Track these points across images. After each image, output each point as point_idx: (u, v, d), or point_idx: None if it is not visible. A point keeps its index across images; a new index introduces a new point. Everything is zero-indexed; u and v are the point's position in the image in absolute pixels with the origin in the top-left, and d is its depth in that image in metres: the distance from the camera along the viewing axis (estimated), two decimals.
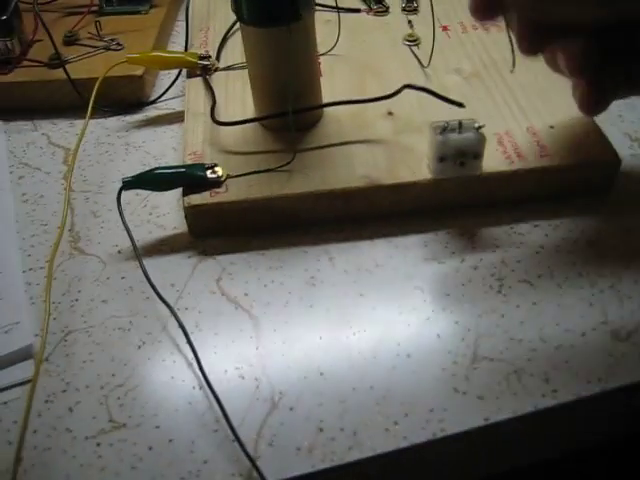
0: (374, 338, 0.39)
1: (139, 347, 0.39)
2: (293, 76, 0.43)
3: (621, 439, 0.38)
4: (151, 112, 0.55)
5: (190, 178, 0.43)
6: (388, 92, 0.46)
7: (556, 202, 0.44)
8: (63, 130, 0.54)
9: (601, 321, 0.39)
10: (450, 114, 0.42)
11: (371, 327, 0.39)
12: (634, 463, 0.44)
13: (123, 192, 0.44)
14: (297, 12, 0.41)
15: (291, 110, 0.43)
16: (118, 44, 0.57)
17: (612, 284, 0.40)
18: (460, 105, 0.42)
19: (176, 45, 0.62)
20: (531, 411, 0.35)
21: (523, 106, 0.47)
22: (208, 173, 0.43)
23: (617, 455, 0.44)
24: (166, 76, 0.58)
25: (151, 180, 0.44)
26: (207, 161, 0.44)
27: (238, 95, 0.50)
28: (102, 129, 0.54)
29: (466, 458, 0.37)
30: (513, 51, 0.40)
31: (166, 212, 0.46)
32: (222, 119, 0.47)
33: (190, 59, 0.52)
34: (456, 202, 0.44)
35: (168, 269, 0.43)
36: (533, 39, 0.40)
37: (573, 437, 0.38)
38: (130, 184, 0.43)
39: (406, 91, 0.45)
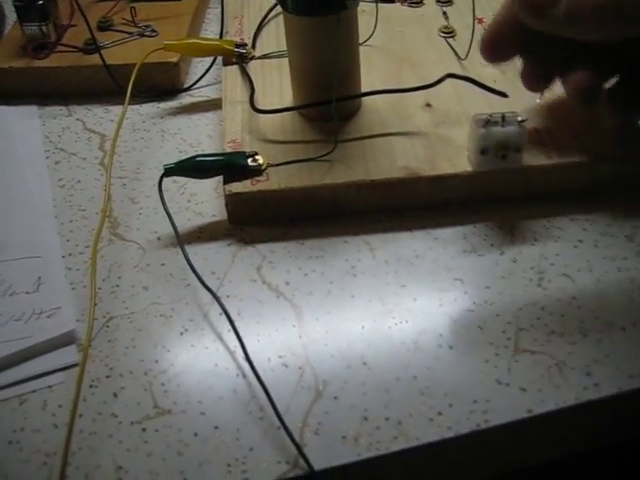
0: (416, 329, 0.39)
1: (181, 334, 0.39)
2: (337, 65, 0.43)
3: None
4: (185, 99, 0.55)
5: (231, 166, 0.43)
6: (425, 83, 0.46)
7: (593, 196, 0.45)
8: (98, 116, 0.54)
9: None
10: (489, 107, 0.42)
11: (413, 318, 0.39)
12: None
13: (163, 179, 0.44)
14: (344, 2, 0.41)
15: (334, 100, 0.43)
16: (153, 30, 0.57)
17: None
18: (503, 95, 0.42)
19: (209, 32, 0.62)
20: (574, 404, 0.35)
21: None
22: (249, 161, 0.43)
23: None
24: (200, 64, 0.58)
25: (192, 167, 0.44)
26: (246, 149, 0.45)
27: (275, 84, 0.50)
28: (137, 115, 0.54)
29: (508, 450, 0.37)
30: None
31: (204, 200, 0.47)
32: (260, 108, 0.47)
33: (227, 47, 0.52)
34: (495, 195, 0.44)
35: (208, 257, 0.43)
36: (540, 77, 0.41)
37: (614, 431, 0.39)
38: (171, 171, 0.43)
39: (445, 82, 0.45)
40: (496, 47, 0.42)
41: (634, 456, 0.38)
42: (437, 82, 0.45)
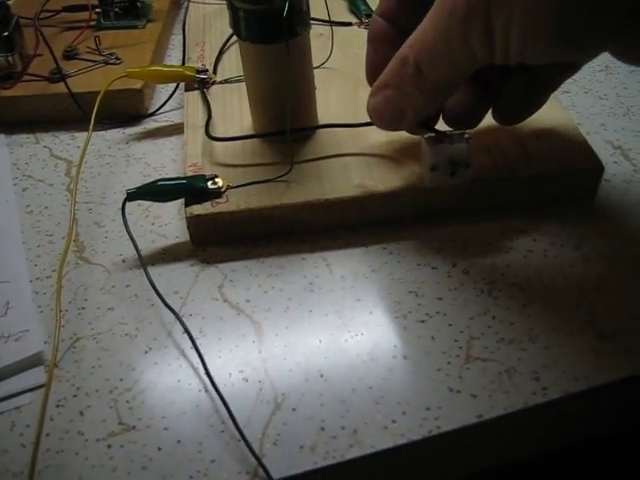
0: (371, 341, 0.40)
1: (146, 352, 0.41)
2: (291, 91, 0.44)
3: (606, 435, 0.40)
4: (150, 124, 0.57)
5: (192, 189, 0.45)
6: None
7: (543, 208, 0.46)
8: (65, 143, 0.56)
9: (587, 321, 0.40)
10: (440, 125, 0.44)
11: (368, 330, 0.41)
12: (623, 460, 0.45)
13: (127, 203, 0.45)
14: (294, 29, 0.42)
15: (288, 128, 0.45)
16: (117, 58, 0.58)
17: (597, 286, 0.42)
18: (448, 137, 0.43)
19: (172, 59, 0.64)
20: (522, 407, 0.37)
21: None
22: (209, 184, 0.45)
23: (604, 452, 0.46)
24: (164, 89, 0.60)
25: (154, 191, 0.45)
26: (207, 172, 0.46)
27: (235, 108, 0.52)
28: (103, 141, 0.55)
29: (461, 454, 0.38)
30: None
31: (168, 222, 0.48)
32: (220, 132, 0.49)
33: (188, 73, 0.53)
34: (447, 209, 0.46)
35: (171, 277, 0.44)
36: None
37: (560, 433, 0.40)
38: (134, 195, 0.45)
39: None
40: None
41: (583, 457, 0.40)
42: None
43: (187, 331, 0.40)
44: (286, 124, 0.44)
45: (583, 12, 0.32)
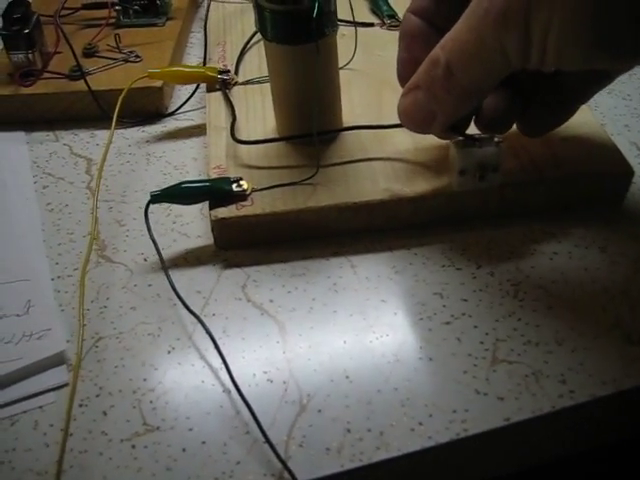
0: (397, 342, 0.40)
1: (169, 352, 0.40)
2: (317, 92, 0.44)
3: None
4: (170, 123, 0.57)
5: (216, 192, 0.44)
6: None
7: (569, 211, 0.46)
8: (84, 141, 0.56)
9: (613, 325, 0.40)
10: (469, 130, 0.44)
11: (393, 331, 0.41)
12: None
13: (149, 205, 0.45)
14: (322, 30, 0.42)
15: (315, 130, 0.44)
16: (137, 56, 0.58)
17: (623, 289, 0.42)
18: (477, 140, 0.43)
19: (191, 57, 0.64)
20: (550, 411, 0.37)
21: None
22: (234, 187, 0.44)
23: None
24: (184, 87, 0.60)
25: (178, 194, 0.45)
26: (231, 174, 0.46)
27: (258, 109, 0.51)
28: (123, 139, 0.55)
29: (487, 457, 0.38)
30: None
31: (189, 221, 0.48)
32: (243, 134, 0.49)
33: (210, 74, 0.53)
34: (474, 213, 0.45)
35: (194, 277, 0.44)
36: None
37: (587, 437, 0.40)
38: (157, 198, 0.44)
39: None
40: None
41: (609, 461, 0.40)
42: None
43: (209, 333, 0.40)
44: (313, 126, 0.44)
45: (619, 20, 0.32)
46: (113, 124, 0.50)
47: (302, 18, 0.41)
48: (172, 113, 0.57)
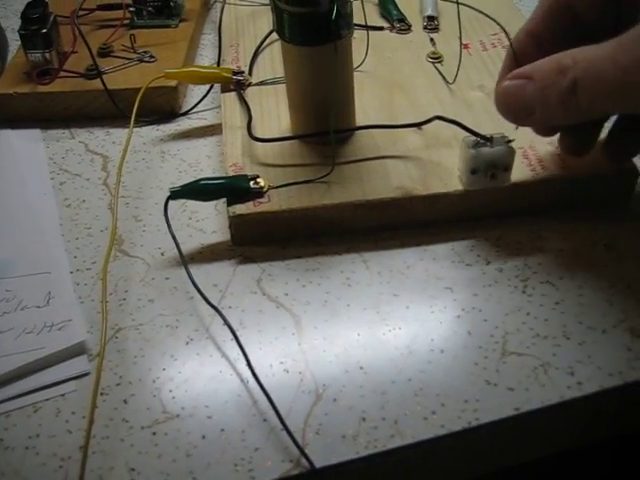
0: (409, 335, 0.41)
1: (187, 343, 0.42)
2: (334, 93, 0.45)
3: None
4: (184, 122, 0.58)
5: (234, 189, 0.46)
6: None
7: (576, 210, 0.47)
8: (100, 138, 0.57)
9: (620, 319, 0.41)
10: (476, 128, 0.45)
11: (405, 324, 0.42)
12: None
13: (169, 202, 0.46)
14: (339, 31, 0.43)
15: (332, 129, 0.45)
16: (151, 56, 0.59)
17: (629, 284, 0.43)
18: (488, 139, 0.44)
19: (204, 57, 0.65)
20: (558, 401, 0.38)
21: None
22: (251, 184, 0.46)
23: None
24: (197, 87, 0.61)
25: (197, 191, 0.46)
26: (247, 172, 0.47)
27: (273, 110, 0.53)
28: (138, 137, 0.56)
29: (498, 446, 0.39)
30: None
31: (205, 217, 0.49)
32: (258, 133, 0.50)
33: (225, 75, 0.54)
34: (484, 211, 0.47)
35: (210, 270, 0.45)
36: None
37: (595, 428, 0.41)
38: (177, 194, 0.46)
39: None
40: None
41: (618, 452, 0.41)
42: (426, 122, 0.47)
43: (227, 324, 0.41)
44: (329, 125, 0.45)
45: None
46: (132, 123, 0.51)
47: (320, 20, 0.42)
48: (186, 112, 0.58)
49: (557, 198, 0.47)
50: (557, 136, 0.47)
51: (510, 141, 0.43)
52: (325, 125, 0.46)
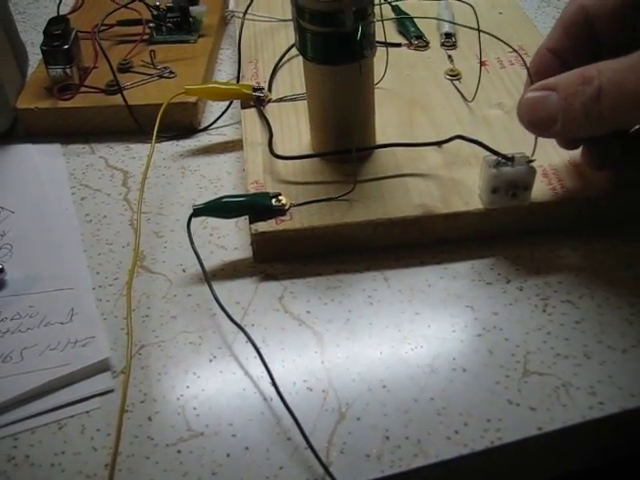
0: (431, 353, 0.41)
1: (210, 361, 0.42)
2: (356, 111, 0.46)
3: None
4: (203, 138, 0.58)
5: (256, 206, 0.46)
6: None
7: (596, 228, 0.48)
8: (120, 153, 0.57)
9: None
10: (495, 147, 0.45)
11: (427, 343, 0.42)
12: None
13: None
14: (363, 52, 0.44)
15: (355, 147, 0.46)
16: (171, 72, 0.60)
17: None
18: (509, 159, 0.44)
19: (222, 73, 0.65)
20: (580, 421, 0.38)
21: None
22: (273, 202, 0.46)
23: None
24: (214, 103, 0.61)
25: (220, 208, 0.46)
26: (268, 189, 0.47)
27: (293, 126, 0.53)
28: (157, 153, 0.56)
29: (520, 465, 0.40)
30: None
31: (225, 234, 0.49)
32: (278, 150, 0.50)
33: (245, 91, 0.54)
34: (504, 230, 0.47)
35: (232, 288, 0.46)
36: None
37: (617, 448, 0.41)
38: (200, 211, 0.46)
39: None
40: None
41: (637, 473, 0.41)
42: (447, 141, 0.48)
43: (252, 342, 0.41)
44: (350, 143, 0.46)
45: None
46: (154, 139, 0.51)
47: (343, 39, 0.43)
48: (205, 128, 0.59)
49: (576, 216, 0.47)
50: (578, 154, 0.48)
51: (531, 161, 0.44)
52: (346, 143, 0.46)
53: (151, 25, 0.63)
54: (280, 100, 0.55)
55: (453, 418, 0.38)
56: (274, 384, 0.40)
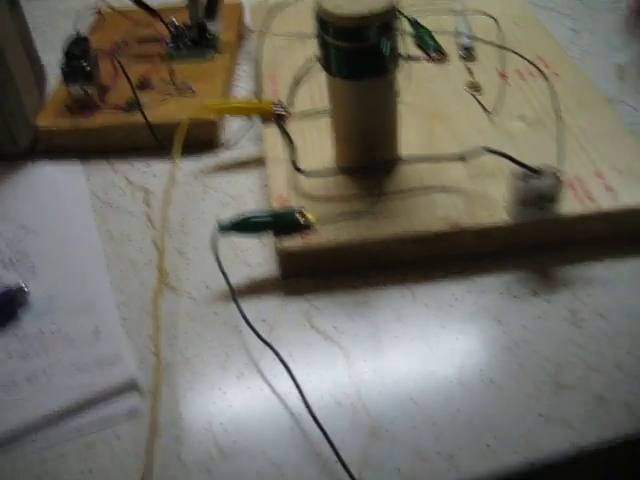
0: (458, 367, 0.41)
1: (237, 377, 0.42)
2: (380, 125, 0.46)
3: None
4: (224, 154, 0.58)
5: (282, 222, 0.46)
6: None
7: (623, 240, 0.47)
8: (140, 171, 0.57)
9: None
10: (519, 160, 0.45)
11: (455, 356, 0.42)
12: None
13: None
14: (387, 67, 0.44)
15: (381, 161, 0.46)
16: (190, 89, 0.60)
17: None
18: (535, 171, 0.44)
19: (240, 89, 0.65)
20: (615, 436, 0.37)
21: (588, 150, 0.50)
22: (298, 217, 0.46)
23: None
24: (232, 119, 0.61)
25: (246, 225, 0.46)
26: (293, 205, 0.47)
27: (315, 141, 0.53)
28: (178, 170, 0.56)
29: None
30: None
31: (249, 249, 0.49)
32: (301, 165, 0.50)
33: (266, 107, 0.54)
34: (531, 242, 0.47)
35: (258, 304, 0.45)
36: None
37: None
38: (225, 228, 0.46)
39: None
40: None
41: None
42: (473, 153, 0.48)
43: (280, 358, 0.41)
44: (375, 157, 0.45)
45: None
46: (175, 157, 0.51)
47: (368, 54, 0.43)
48: (225, 145, 0.59)
49: (604, 229, 0.47)
50: (604, 165, 0.47)
51: (559, 174, 0.43)
52: (371, 157, 0.46)
53: (169, 43, 0.64)
54: (301, 115, 0.55)
55: (484, 432, 0.38)
56: (303, 399, 0.39)
